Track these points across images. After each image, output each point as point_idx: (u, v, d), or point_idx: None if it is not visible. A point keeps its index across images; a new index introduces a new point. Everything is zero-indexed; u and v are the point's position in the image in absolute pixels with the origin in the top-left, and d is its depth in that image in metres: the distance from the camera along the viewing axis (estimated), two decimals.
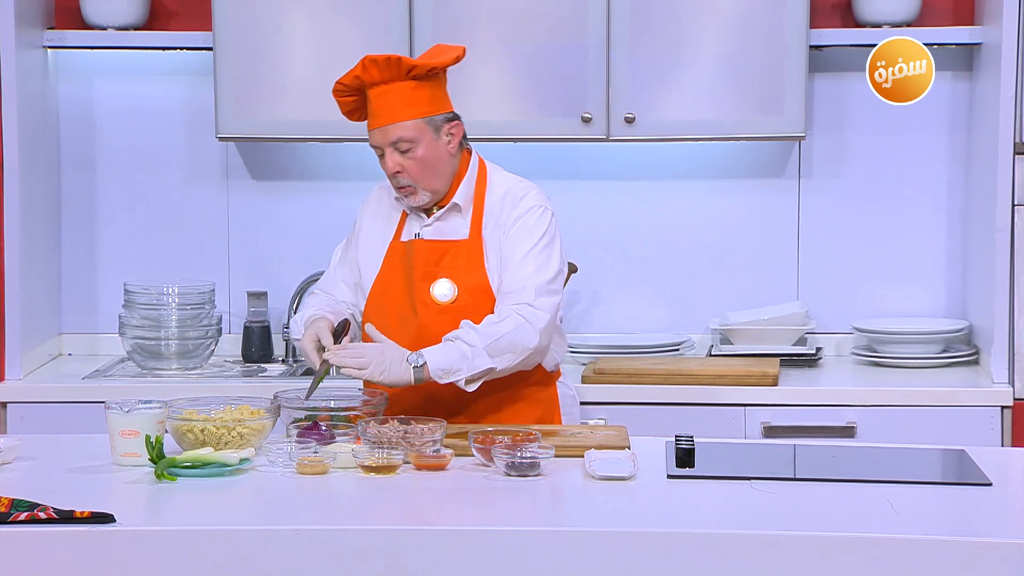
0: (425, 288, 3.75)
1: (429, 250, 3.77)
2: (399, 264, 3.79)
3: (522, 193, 3.81)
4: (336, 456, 3.39)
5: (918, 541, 2.93)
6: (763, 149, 4.91)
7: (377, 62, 3.68)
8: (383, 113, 3.71)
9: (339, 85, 3.75)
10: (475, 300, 3.74)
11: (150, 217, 4.98)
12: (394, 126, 3.70)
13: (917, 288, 4.92)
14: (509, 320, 3.66)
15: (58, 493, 3.14)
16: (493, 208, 3.79)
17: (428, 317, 3.73)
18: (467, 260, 3.75)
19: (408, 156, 3.71)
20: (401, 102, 3.70)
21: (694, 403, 4.46)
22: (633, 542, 2.95)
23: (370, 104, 3.74)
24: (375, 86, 3.70)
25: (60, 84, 4.92)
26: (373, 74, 3.69)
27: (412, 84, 3.69)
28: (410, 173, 3.73)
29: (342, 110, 3.81)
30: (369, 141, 3.77)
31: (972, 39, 4.71)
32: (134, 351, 4.72)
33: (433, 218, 3.80)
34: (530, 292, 3.69)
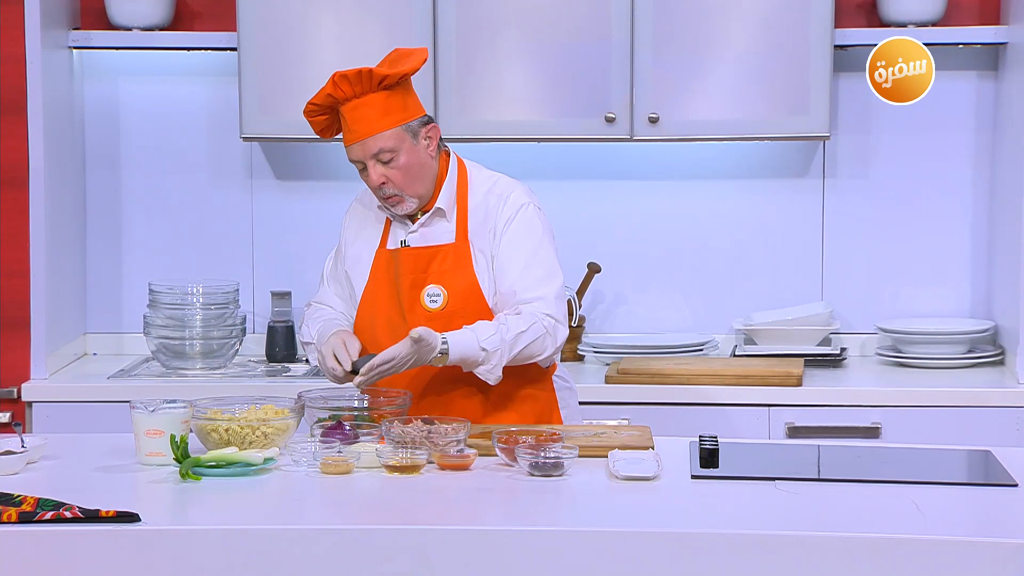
0: (415, 296, 3.73)
1: (416, 257, 3.75)
2: (387, 272, 3.77)
3: (507, 191, 3.77)
4: (360, 456, 3.39)
5: (943, 542, 2.92)
6: (787, 149, 4.90)
7: (348, 77, 3.65)
8: (360, 127, 3.68)
9: (311, 106, 3.71)
10: (465, 304, 3.72)
11: (175, 217, 4.99)
12: (373, 138, 3.67)
13: (942, 288, 4.91)
14: (535, 329, 3.66)
15: (83, 492, 3.15)
16: (477, 208, 3.76)
17: (418, 324, 3.71)
18: (455, 264, 3.74)
19: (391, 166, 3.69)
20: (376, 113, 3.67)
21: (718, 403, 4.46)
22: (657, 542, 2.95)
23: (344, 120, 3.70)
24: (348, 101, 3.67)
25: (85, 84, 4.94)
26: (345, 90, 3.66)
27: (384, 94, 3.67)
28: (395, 182, 3.71)
29: (315, 129, 3.77)
30: (348, 157, 3.74)
31: (997, 39, 4.70)
32: (159, 351, 4.74)
33: (418, 224, 3.77)
34: (551, 302, 3.68)
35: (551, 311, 3.68)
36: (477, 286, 3.73)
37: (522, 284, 3.69)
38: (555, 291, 3.70)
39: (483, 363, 3.63)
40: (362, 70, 3.65)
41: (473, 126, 4.65)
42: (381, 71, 3.66)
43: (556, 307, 3.69)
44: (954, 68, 4.82)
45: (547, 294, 3.69)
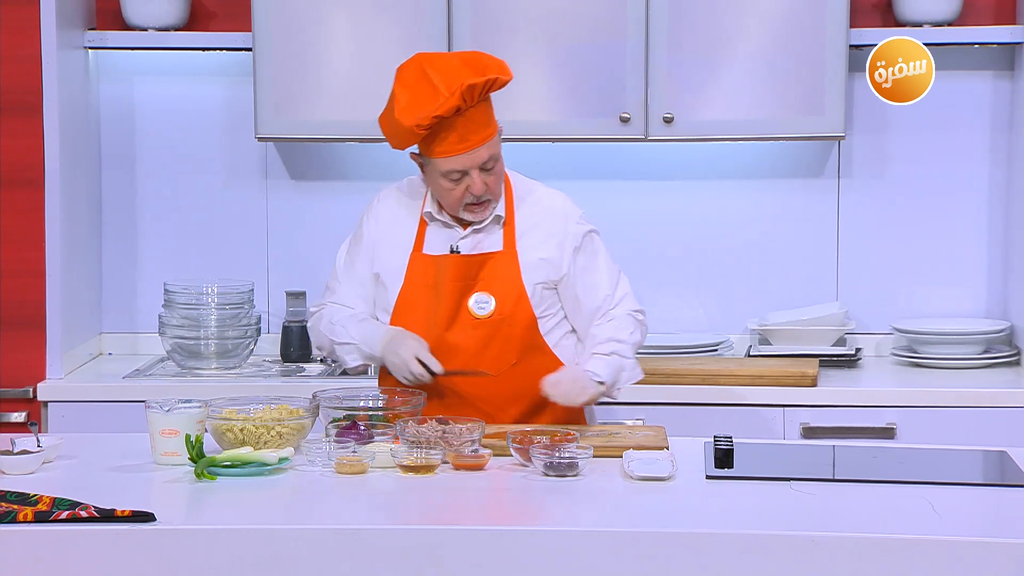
0: (463, 302, 3.73)
1: (467, 264, 3.74)
2: (426, 278, 3.75)
3: (560, 206, 3.80)
4: (375, 456, 3.40)
5: (959, 543, 2.91)
6: (803, 149, 4.89)
7: (478, 87, 3.59)
8: (473, 136, 3.63)
9: (433, 119, 3.59)
10: (513, 312, 3.73)
11: (190, 217, 5.00)
12: (485, 146, 3.65)
13: (958, 288, 4.90)
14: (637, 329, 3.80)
15: (99, 492, 3.15)
16: (527, 220, 3.77)
17: (464, 332, 3.72)
18: (505, 271, 3.74)
19: (491, 173, 3.68)
20: (483, 122, 3.65)
21: (733, 404, 4.45)
22: (672, 543, 2.95)
23: (453, 130, 3.62)
24: (467, 110, 3.62)
25: (101, 85, 4.95)
26: (469, 100, 3.60)
27: (487, 102, 3.67)
28: (492, 189, 3.70)
29: (413, 141, 3.66)
30: (443, 167, 3.65)
31: (1014, 38, 4.69)
32: (174, 351, 4.74)
33: (471, 230, 3.76)
34: (632, 300, 3.84)
35: (638, 307, 3.84)
36: (525, 295, 3.74)
37: (611, 291, 3.80)
38: (629, 289, 3.86)
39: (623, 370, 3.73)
40: (489, 78, 3.60)
41: None
42: (504, 78, 3.62)
43: (635, 303, 3.85)
44: (970, 68, 4.81)
45: (628, 292, 3.84)
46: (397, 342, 3.69)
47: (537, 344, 3.76)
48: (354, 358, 3.80)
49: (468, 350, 3.72)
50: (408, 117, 3.61)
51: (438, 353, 3.71)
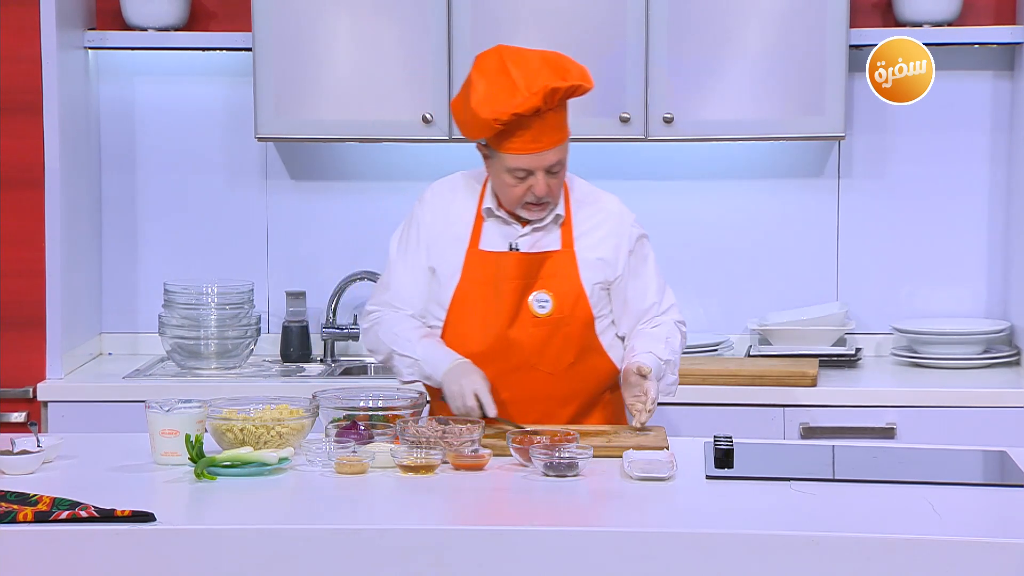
0: (523, 300, 3.72)
1: (528, 262, 3.73)
2: (484, 275, 3.73)
3: (617, 209, 3.81)
4: (375, 456, 3.40)
5: (959, 543, 2.91)
6: (803, 149, 4.89)
7: (561, 91, 3.59)
8: (547, 138, 3.62)
9: (512, 116, 3.58)
10: (572, 311, 3.73)
11: (190, 217, 5.00)
12: (555, 150, 3.64)
13: (958, 288, 4.90)
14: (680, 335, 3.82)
15: (99, 492, 3.15)
16: (585, 221, 3.77)
17: (524, 330, 3.71)
18: (563, 271, 3.73)
19: (555, 177, 3.68)
20: (558, 126, 3.65)
21: (733, 404, 4.45)
22: (672, 543, 2.95)
23: (528, 129, 3.61)
24: (546, 113, 3.61)
25: (101, 85, 4.95)
26: (550, 103, 3.60)
27: (564, 106, 3.66)
28: (553, 192, 3.70)
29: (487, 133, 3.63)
30: (511, 163, 3.64)
31: (1014, 38, 4.69)
32: (174, 351, 4.74)
33: (530, 228, 3.74)
34: (676, 309, 3.85)
35: (681, 317, 3.86)
36: (584, 295, 3.74)
37: (659, 298, 3.81)
38: (674, 299, 3.87)
39: (664, 377, 3.73)
40: (572, 85, 3.59)
41: None
42: (587, 87, 3.62)
43: (679, 313, 3.87)
44: (970, 68, 4.81)
45: (674, 302, 3.85)
46: (461, 372, 3.66)
47: (593, 344, 3.76)
48: (411, 372, 3.76)
49: (528, 348, 3.71)
50: (486, 110, 3.59)
51: (500, 350, 3.70)
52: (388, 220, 4.96)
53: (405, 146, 4.89)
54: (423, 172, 4.95)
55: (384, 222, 4.97)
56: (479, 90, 3.61)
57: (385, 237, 4.95)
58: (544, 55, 3.67)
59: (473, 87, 3.63)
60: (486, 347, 3.71)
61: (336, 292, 4.92)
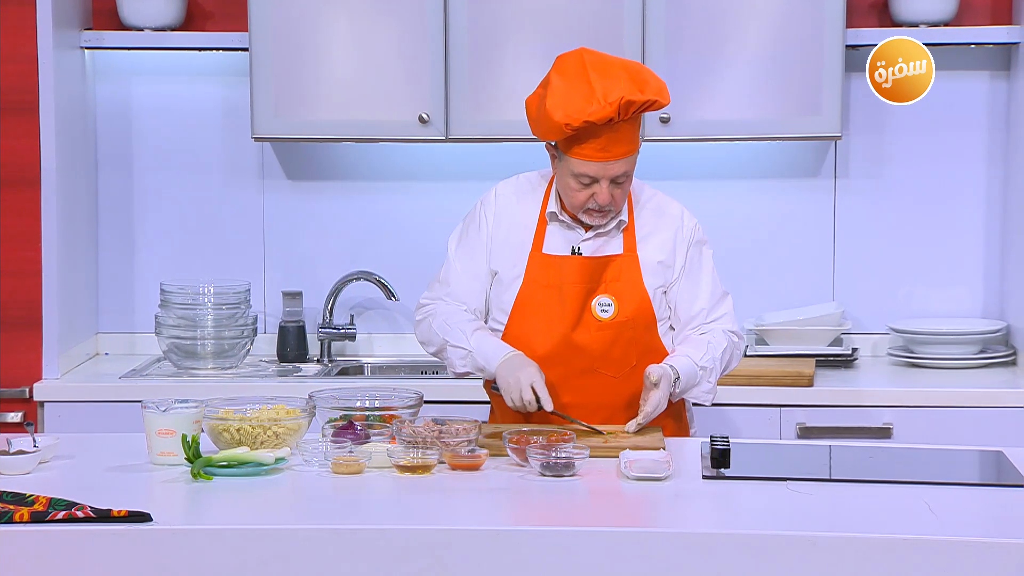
0: (587, 304, 3.72)
1: (592, 266, 3.72)
2: (547, 278, 3.72)
3: (677, 212, 3.81)
4: (371, 456, 3.40)
5: (955, 543, 2.92)
6: (799, 149, 4.89)
7: (636, 104, 3.57)
8: (616, 148, 3.60)
9: (584, 123, 3.56)
10: (635, 315, 3.72)
11: (186, 217, 4.99)
12: (622, 161, 3.62)
13: (954, 288, 4.90)
14: (730, 346, 3.77)
15: (95, 492, 3.15)
16: (647, 226, 3.77)
17: (588, 333, 3.70)
18: (627, 275, 3.73)
19: (620, 187, 3.66)
20: (629, 138, 3.63)
21: (729, 403, 4.45)
22: (668, 543, 2.95)
23: (597, 138, 3.59)
24: (619, 123, 3.59)
25: (97, 85, 4.94)
26: (623, 115, 3.58)
27: (637, 121, 3.65)
28: (617, 202, 3.68)
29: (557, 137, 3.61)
30: (577, 168, 3.62)
31: (1010, 38, 4.69)
32: (170, 351, 4.74)
33: (593, 232, 3.73)
34: (731, 319, 3.80)
35: (735, 328, 3.80)
36: (647, 298, 3.73)
37: (709, 305, 3.78)
38: (731, 309, 3.82)
39: (699, 383, 3.70)
40: (648, 100, 3.58)
41: (485, 126, 4.65)
42: (662, 103, 3.60)
43: (735, 324, 3.81)
44: (966, 68, 4.82)
45: (728, 312, 3.80)
46: (516, 364, 3.65)
47: (656, 347, 3.75)
48: (464, 364, 3.74)
49: (593, 352, 3.71)
50: (560, 113, 3.58)
51: (564, 354, 3.69)
52: (385, 220, 4.99)
53: (402, 146, 4.89)
54: (420, 172, 4.96)
55: (381, 222, 4.99)
56: (556, 92, 3.59)
57: (383, 237, 4.98)
58: (626, 64, 3.65)
59: (551, 87, 3.61)
60: (549, 350, 3.70)
61: (333, 292, 4.91)
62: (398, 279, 4.87)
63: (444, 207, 4.81)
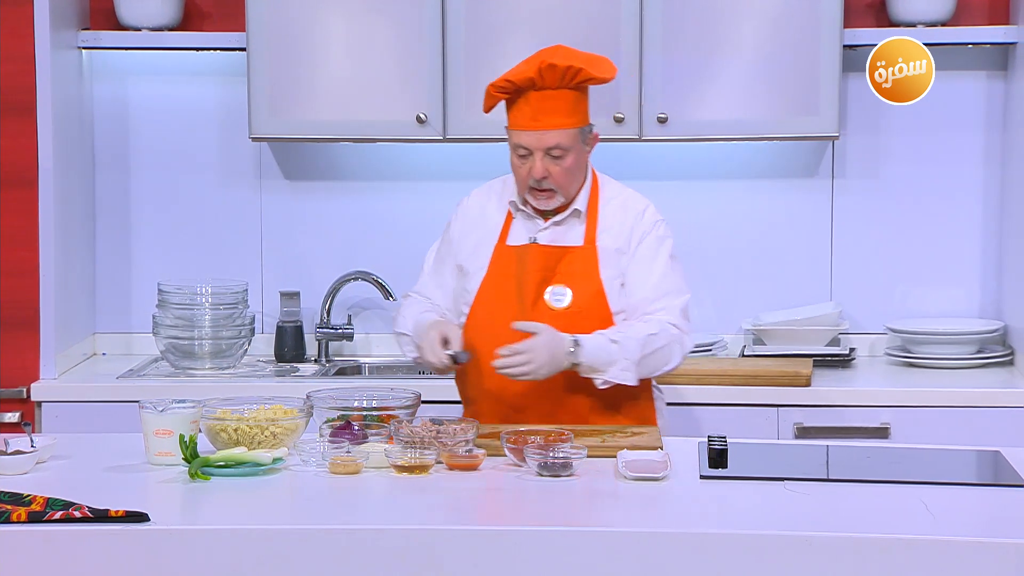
0: (540, 293, 3.74)
1: (546, 255, 3.75)
2: (508, 268, 3.77)
3: (641, 206, 3.82)
4: (369, 456, 3.40)
5: (953, 542, 2.92)
6: (797, 149, 4.89)
7: (556, 69, 3.63)
8: (546, 118, 3.66)
9: (504, 82, 3.67)
10: (589, 307, 3.74)
11: (184, 217, 4.99)
12: (555, 132, 3.67)
13: (952, 288, 4.90)
14: (664, 334, 3.71)
15: (92, 492, 3.15)
16: (610, 218, 3.79)
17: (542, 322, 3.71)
18: (583, 266, 3.75)
19: (558, 163, 3.69)
20: (565, 109, 3.67)
21: (727, 403, 4.45)
22: (666, 543, 2.95)
23: (527, 105, 3.67)
24: (543, 90, 3.66)
25: (95, 85, 4.94)
26: (548, 79, 3.64)
27: (576, 93, 3.69)
28: (555, 179, 3.71)
29: (488, 104, 3.73)
30: (513, 139, 3.71)
31: (1007, 38, 4.69)
32: (168, 351, 4.74)
33: (551, 222, 3.77)
34: (677, 312, 3.75)
35: (676, 321, 3.74)
36: (602, 290, 3.75)
37: (652, 295, 3.75)
38: (681, 304, 3.77)
39: (616, 361, 3.63)
40: (572, 67, 3.64)
41: (483, 126, 4.64)
42: (590, 72, 3.65)
43: (681, 318, 3.75)
44: (963, 68, 4.82)
45: (673, 305, 3.76)
46: (430, 327, 3.70)
47: None
48: (410, 350, 3.81)
49: None
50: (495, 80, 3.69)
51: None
52: (382, 220, 4.99)
53: (399, 146, 4.89)
54: (417, 172, 4.96)
55: (378, 222, 4.98)
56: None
57: (380, 237, 4.98)
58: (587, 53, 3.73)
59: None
60: (505, 338, 3.70)
61: (330, 292, 4.91)
62: (396, 279, 4.87)
63: (442, 207, 4.78)
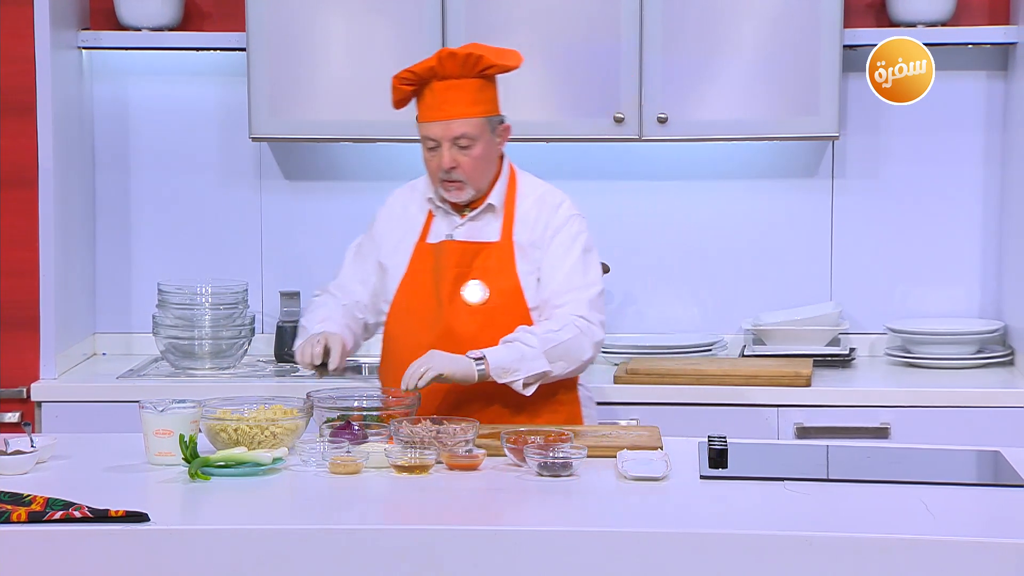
0: (456, 289, 3.76)
1: (461, 251, 3.78)
2: (426, 265, 3.80)
3: (557, 201, 3.83)
4: (369, 456, 3.40)
5: (953, 543, 2.92)
6: (797, 149, 4.89)
7: (456, 56, 3.66)
8: (449, 107, 3.69)
9: (407, 73, 3.70)
10: (506, 302, 3.75)
11: (184, 217, 4.99)
12: (460, 121, 3.69)
13: (952, 288, 4.90)
14: (567, 329, 3.71)
15: (92, 492, 3.15)
16: (526, 213, 3.80)
17: (458, 319, 3.74)
18: (499, 262, 3.76)
19: (466, 152, 3.71)
20: (469, 99, 3.69)
21: (727, 404, 4.45)
22: (666, 543, 2.95)
23: (432, 96, 3.70)
24: (445, 79, 3.68)
25: (95, 85, 4.94)
26: (449, 68, 3.67)
27: (480, 82, 3.70)
28: (463, 169, 3.73)
29: (396, 97, 3.76)
30: (421, 132, 3.74)
31: (1007, 38, 4.69)
32: (168, 351, 4.74)
33: (467, 218, 3.80)
34: (583, 305, 3.74)
35: (582, 312, 3.73)
36: (519, 286, 3.76)
37: (560, 289, 3.75)
38: (589, 296, 3.76)
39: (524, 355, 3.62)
40: (472, 53, 3.66)
41: None
42: (490, 60, 3.67)
43: (587, 309, 3.74)
44: (963, 68, 4.82)
45: (580, 298, 3.75)
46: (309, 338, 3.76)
47: None
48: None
49: (463, 336, 3.73)
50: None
51: (436, 338, 3.71)
52: None
53: (399, 146, 4.89)
54: (417, 172, 4.93)
55: None
56: None
57: None
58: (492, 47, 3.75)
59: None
60: (425, 336, 3.74)
61: None
62: None
63: None
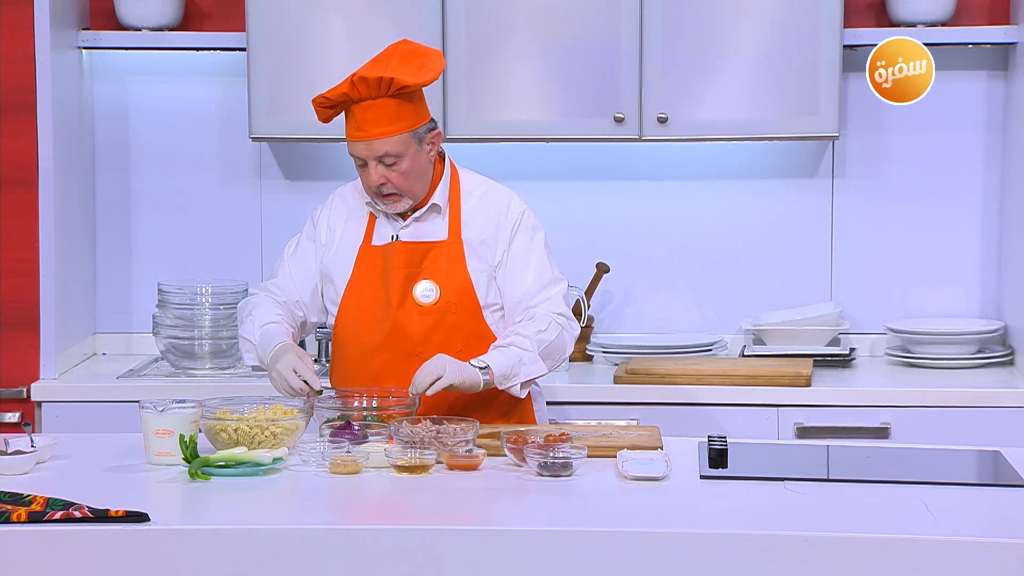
0: (408, 290, 3.76)
1: (410, 251, 3.77)
2: (372, 267, 3.79)
3: (505, 199, 3.84)
4: (369, 456, 3.40)
5: (953, 543, 2.92)
6: (797, 149, 4.89)
7: (368, 81, 3.65)
8: (369, 128, 3.68)
9: (322, 98, 3.70)
10: (458, 301, 3.76)
11: (184, 217, 4.99)
12: (381, 141, 3.68)
13: (952, 288, 4.90)
14: (552, 327, 3.74)
15: (92, 492, 3.15)
16: (472, 211, 3.81)
17: (409, 319, 3.74)
18: (449, 261, 3.77)
19: (393, 169, 3.71)
20: (387, 117, 3.68)
21: (727, 403, 4.45)
22: (666, 543, 2.95)
23: (353, 117, 3.70)
24: (361, 101, 3.68)
25: (95, 85, 4.94)
26: (362, 91, 3.66)
27: (398, 101, 3.68)
28: (395, 184, 3.73)
29: (320, 117, 3.76)
30: (350, 151, 3.74)
31: (1008, 38, 4.69)
32: (168, 351, 4.74)
33: (411, 219, 3.80)
34: (559, 302, 3.79)
35: (560, 310, 3.78)
36: (470, 283, 3.77)
37: (533, 288, 3.78)
38: (561, 292, 3.81)
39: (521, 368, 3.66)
40: (383, 78, 3.64)
41: (482, 126, 4.65)
42: (402, 80, 3.65)
43: (563, 306, 3.80)
44: (964, 68, 4.82)
45: (554, 295, 3.79)
46: (278, 356, 3.69)
47: (483, 333, 3.78)
48: (251, 358, 3.82)
49: (415, 336, 3.75)
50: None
51: (388, 339, 3.73)
52: None
53: None
54: None
55: None
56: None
57: None
58: (403, 50, 3.73)
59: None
60: (375, 338, 3.74)
61: None
62: None
63: None
